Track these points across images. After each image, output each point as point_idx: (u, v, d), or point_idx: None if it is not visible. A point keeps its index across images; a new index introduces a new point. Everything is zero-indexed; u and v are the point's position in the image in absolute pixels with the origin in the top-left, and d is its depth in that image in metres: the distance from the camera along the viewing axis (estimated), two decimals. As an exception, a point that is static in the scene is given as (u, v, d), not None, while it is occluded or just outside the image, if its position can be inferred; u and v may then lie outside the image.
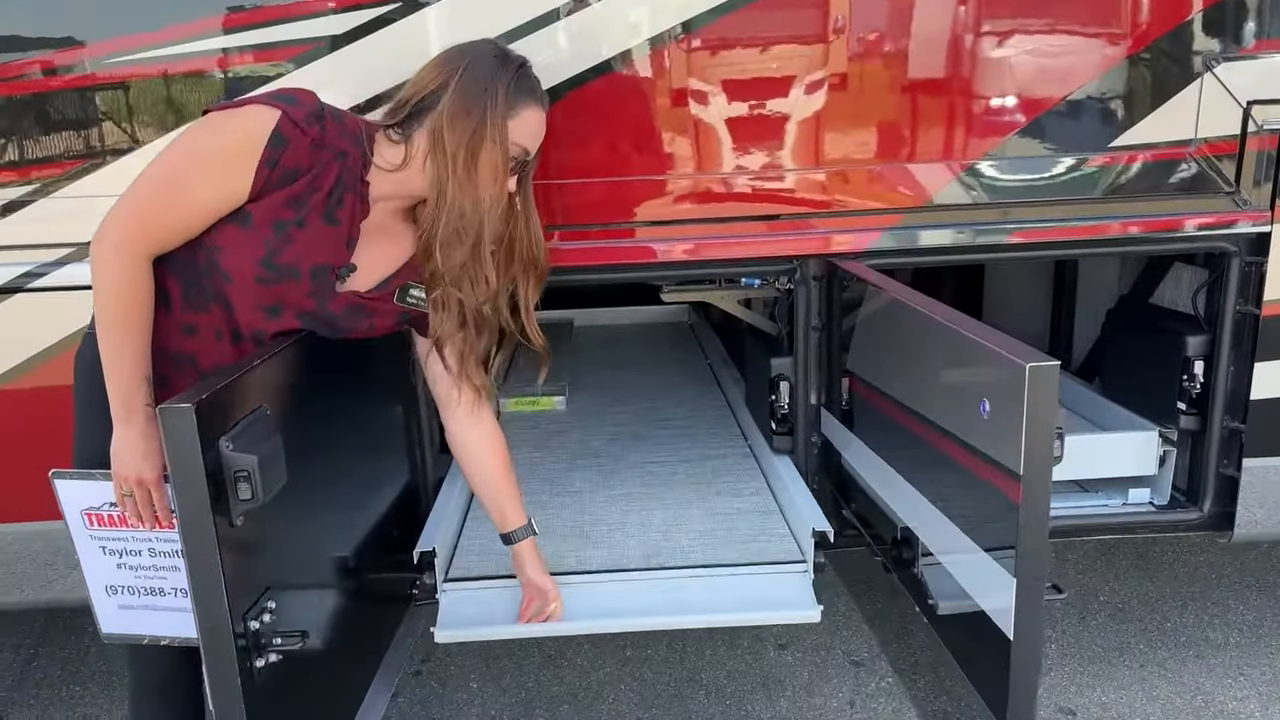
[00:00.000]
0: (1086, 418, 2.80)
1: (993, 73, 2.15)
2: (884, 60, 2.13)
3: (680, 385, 3.45)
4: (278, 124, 1.45)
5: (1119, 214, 2.22)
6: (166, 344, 1.56)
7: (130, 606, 1.62)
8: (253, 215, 1.49)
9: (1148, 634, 2.85)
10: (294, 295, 1.57)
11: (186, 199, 1.46)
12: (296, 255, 1.53)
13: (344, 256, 1.61)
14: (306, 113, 1.49)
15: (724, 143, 2.17)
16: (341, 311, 1.64)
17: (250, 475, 1.28)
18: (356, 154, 1.57)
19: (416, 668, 2.82)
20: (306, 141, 1.48)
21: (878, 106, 2.16)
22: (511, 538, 1.91)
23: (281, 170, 1.48)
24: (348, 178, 1.56)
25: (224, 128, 1.48)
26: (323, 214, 1.54)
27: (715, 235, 2.21)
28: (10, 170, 2.08)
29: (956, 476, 1.55)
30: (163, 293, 1.54)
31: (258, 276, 1.53)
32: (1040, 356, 1.28)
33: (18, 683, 2.83)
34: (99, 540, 1.58)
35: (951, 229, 2.20)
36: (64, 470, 1.56)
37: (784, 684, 2.70)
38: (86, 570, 1.60)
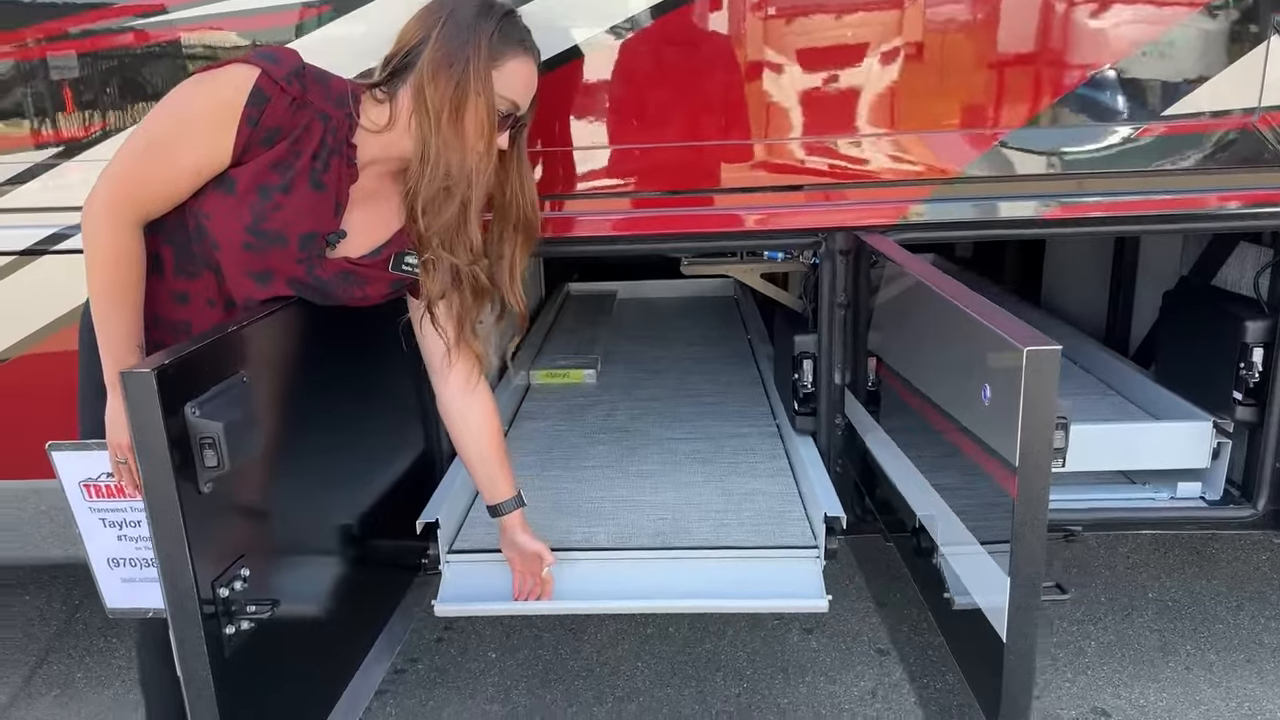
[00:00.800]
0: (1139, 405, 2.65)
1: (1035, 34, 2.01)
2: (915, 21, 2.01)
3: (716, 361, 3.38)
4: (257, 81, 1.43)
5: (1170, 188, 2.07)
6: (160, 312, 1.56)
7: (132, 579, 1.63)
8: (237, 181, 1.47)
9: (1196, 634, 2.70)
10: (282, 262, 1.55)
11: (170, 161, 1.45)
12: (283, 222, 1.51)
13: (333, 223, 1.58)
14: (286, 70, 1.46)
15: (747, 110, 2.08)
16: (332, 278, 1.61)
17: (215, 442, 1.26)
18: (341, 116, 1.53)
19: (438, 635, 2.84)
20: (286, 100, 1.45)
21: (908, 70, 2.03)
22: (500, 509, 1.89)
23: (263, 130, 1.45)
24: (332, 140, 1.52)
25: (204, 88, 1.45)
26: (309, 179, 1.51)
27: (736, 206, 2.13)
28: (36, 133, 2.11)
29: (960, 466, 1.46)
30: (156, 259, 1.53)
31: (244, 243, 1.51)
32: (1042, 340, 1.18)
33: (61, 631, 2.93)
34: (98, 512, 1.59)
35: (987, 202, 2.08)
36: (61, 442, 1.56)
37: (805, 669, 2.63)
38: (88, 544, 1.61)
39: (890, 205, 2.10)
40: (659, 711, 2.48)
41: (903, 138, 2.06)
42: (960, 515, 1.48)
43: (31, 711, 2.57)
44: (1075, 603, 2.88)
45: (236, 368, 1.39)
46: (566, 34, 2.01)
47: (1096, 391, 2.77)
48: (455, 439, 1.91)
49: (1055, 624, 2.77)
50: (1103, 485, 2.41)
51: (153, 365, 1.19)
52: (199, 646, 1.29)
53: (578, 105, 2.06)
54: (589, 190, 2.11)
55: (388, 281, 1.70)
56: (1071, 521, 2.26)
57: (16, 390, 2.23)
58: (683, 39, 2.03)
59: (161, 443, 1.21)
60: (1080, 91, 2.04)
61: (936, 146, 2.06)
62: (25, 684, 2.68)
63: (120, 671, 2.72)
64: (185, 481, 1.25)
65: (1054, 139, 2.05)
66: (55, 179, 2.13)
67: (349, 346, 1.84)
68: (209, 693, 1.30)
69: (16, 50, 2.05)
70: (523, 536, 1.88)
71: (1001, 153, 2.05)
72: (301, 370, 1.63)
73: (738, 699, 2.52)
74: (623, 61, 2.05)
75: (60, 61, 2.07)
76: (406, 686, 2.60)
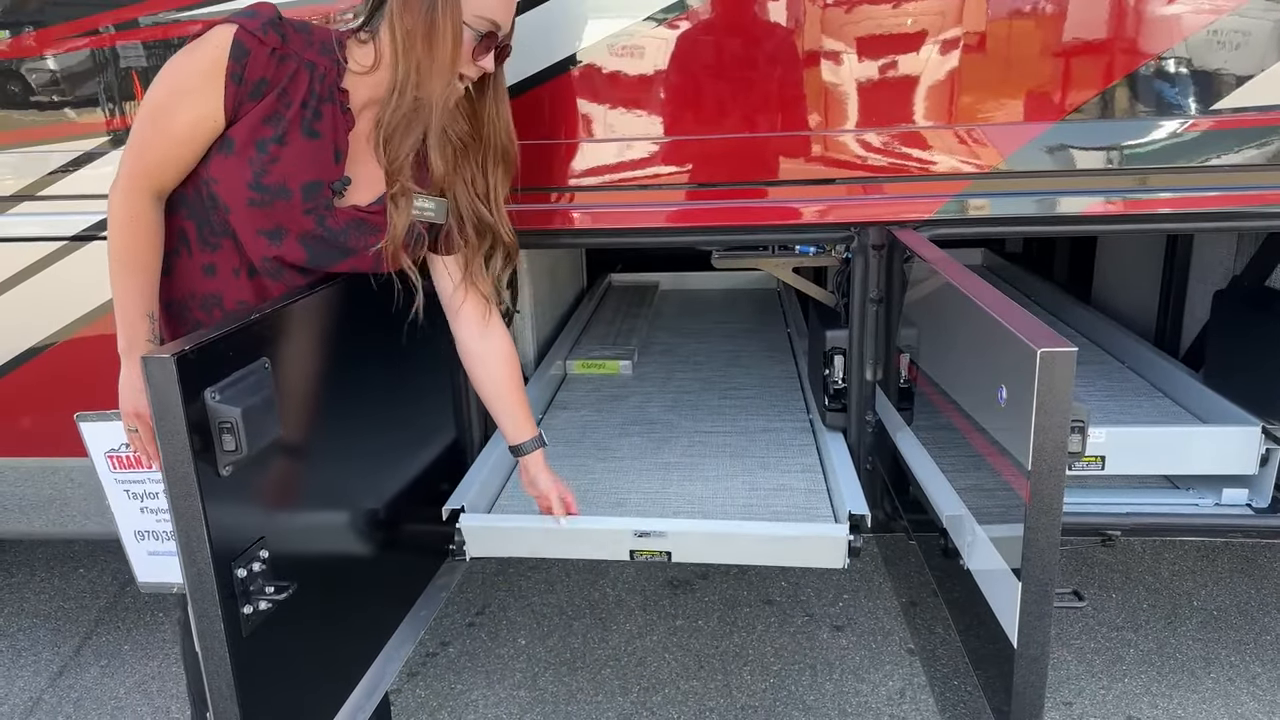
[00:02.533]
0: (1187, 407, 2.56)
1: (1076, 24, 1.95)
2: (952, 11, 1.96)
3: (754, 354, 3.35)
4: (235, 36, 1.46)
5: (1223, 185, 2.00)
6: (193, 287, 1.61)
7: (157, 553, 1.66)
8: (234, 140, 1.50)
9: (1241, 646, 2.62)
10: (291, 216, 1.57)
11: (168, 128, 1.49)
12: (283, 174, 1.53)
13: (335, 170, 1.59)
14: (262, 21, 1.49)
15: (778, 102, 2.05)
16: (344, 227, 1.62)
17: (234, 427, 1.29)
18: (327, 62, 1.55)
19: (470, 620, 2.88)
20: (266, 50, 1.48)
21: (941, 61, 1.99)
22: (522, 448, 1.91)
23: (248, 84, 1.48)
24: (320, 88, 1.54)
25: (190, 53, 1.49)
26: (301, 128, 1.53)
27: (768, 199, 2.11)
28: (85, 123, 2.18)
29: (980, 467, 1.43)
30: (181, 234, 1.58)
31: (249, 200, 1.53)
32: (1058, 341, 1.15)
33: (110, 605, 3.04)
34: (123, 484, 1.62)
35: (1025, 197, 2.03)
36: (87, 413, 1.60)
37: (834, 667, 2.61)
38: (117, 516, 1.64)
39: (925, 200, 2.06)
40: (684, 704, 2.48)
41: (938, 131, 2.02)
42: (979, 517, 1.45)
43: (80, 680, 2.67)
44: (1117, 608, 2.81)
45: (259, 353, 1.42)
46: (597, 26, 2.01)
47: (1144, 393, 2.69)
48: (473, 379, 1.93)
49: (1094, 630, 2.71)
50: (1145, 489, 2.34)
51: (173, 351, 1.22)
52: (216, 626, 1.32)
53: (609, 97, 2.06)
54: (619, 182, 2.11)
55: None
56: (1110, 526, 2.20)
57: (75, 368, 2.31)
58: (715, 31, 2.02)
59: (181, 426, 1.24)
60: (1126, 84, 1.98)
61: (972, 141, 2.02)
62: (75, 654, 2.79)
63: (165, 645, 2.81)
64: (204, 465, 1.28)
65: (1096, 133, 1.99)
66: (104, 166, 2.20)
67: (377, 332, 1.87)
68: (226, 670, 1.34)
69: (82, 40, 2.12)
70: (543, 476, 1.92)
71: (1040, 147, 2.00)
72: (327, 356, 1.65)
73: (764, 694, 2.51)
74: (654, 54, 2.04)
75: (122, 50, 2.13)
76: (437, 669, 2.65)
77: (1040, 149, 2.00)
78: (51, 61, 2.15)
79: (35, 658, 2.78)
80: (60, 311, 2.29)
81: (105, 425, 1.59)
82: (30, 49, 2.14)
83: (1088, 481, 2.30)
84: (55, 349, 2.31)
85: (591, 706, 2.48)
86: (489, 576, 3.10)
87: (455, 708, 2.49)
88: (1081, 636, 2.68)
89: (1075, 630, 2.71)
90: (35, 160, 2.21)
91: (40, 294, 2.28)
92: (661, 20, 2.01)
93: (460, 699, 2.53)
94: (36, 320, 2.30)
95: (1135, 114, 2.00)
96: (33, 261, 2.26)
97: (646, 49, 2.04)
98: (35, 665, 2.74)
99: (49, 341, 2.31)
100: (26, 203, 2.24)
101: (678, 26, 2.01)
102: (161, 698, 2.58)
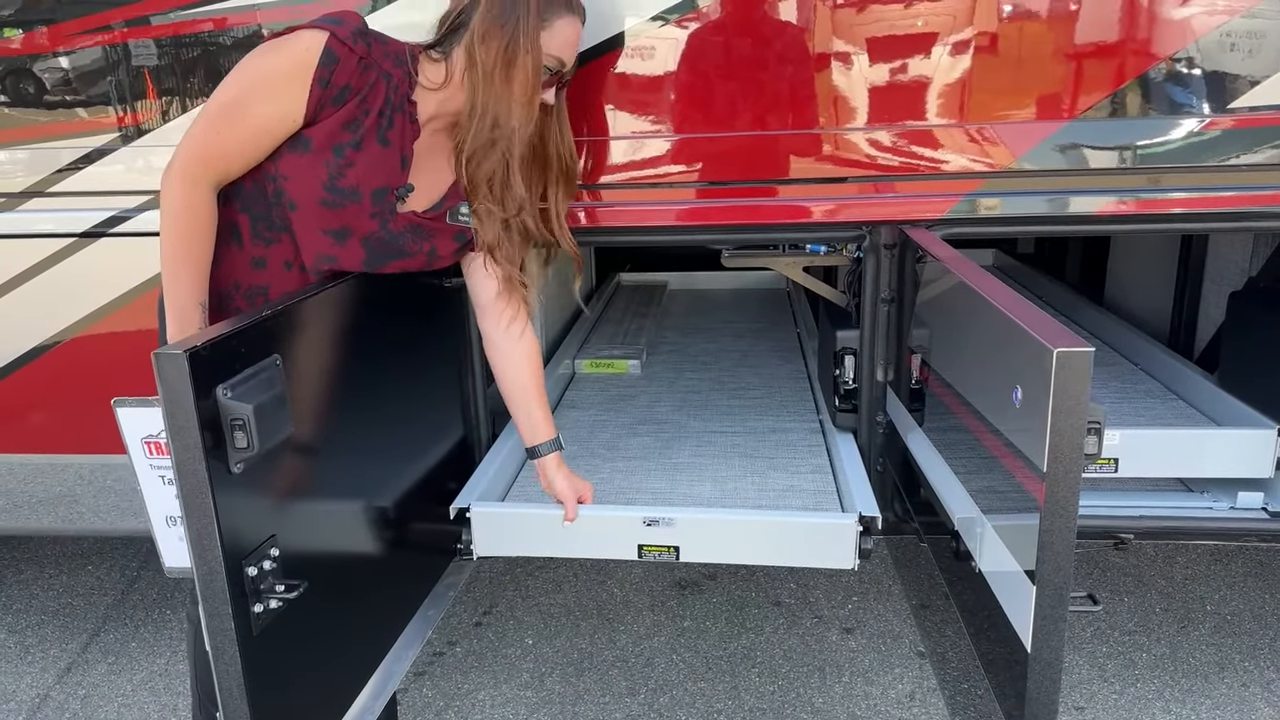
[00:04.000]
0: (1201, 410, 2.54)
1: (1088, 23, 1.93)
2: (959, 8, 1.95)
3: (764, 354, 3.34)
4: (327, 43, 1.50)
5: (1238, 184, 1.98)
6: (240, 279, 1.64)
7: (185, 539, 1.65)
8: (312, 140, 1.54)
9: (1256, 651, 2.59)
10: (357, 218, 1.62)
11: (244, 122, 1.51)
12: (356, 178, 1.58)
13: (401, 177, 1.65)
14: (352, 30, 1.53)
15: (789, 100, 2.04)
16: (403, 231, 1.68)
17: (246, 424, 1.29)
18: (401, 74, 1.60)
19: (477, 619, 2.87)
20: (354, 59, 1.52)
21: (952, 60, 1.98)
22: (537, 450, 1.93)
23: (334, 89, 1.52)
24: (395, 98, 1.60)
25: (276, 52, 1.52)
26: (376, 135, 1.59)
27: (779, 198, 2.10)
28: (98, 119, 2.18)
29: (995, 469, 1.42)
30: (233, 227, 1.61)
31: (322, 200, 1.57)
32: (1074, 341, 1.14)
33: (118, 602, 3.04)
34: (158, 470, 1.61)
35: (1035, 197, 2.02)
36: (125, 399, 1.60)
37: (843, 670, 2.60)
38: (148, 501, 1.64)
39: (937, 199, 2.05)
40: (692, 705, 2.47)
41: (950, 130, 2.01)
42: (992, 519, 1.44)
43: (87, 677, 2.67)
44: (1129, 612, 2.79)
45: (272, 350, 1.42)
46: (609, 23, 2.00)
47: (1157, 395, 2.67)
48: (498, 377, 1.97)
49: (1106, 634, 2.69)
50: (1159, 492, 2.32)
51: (185, 347, 1.22)
52: (226, 623, 1.31)
53: (617, 96, 2.05)
54: (628, 181, 2.10)
55: (451, 234, 1.77)
56: (1123, 529, 2.18)
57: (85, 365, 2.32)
58: (724, 30, 2.01)
59: (193, 423, 1.23)
60: (1139, 83, 1.97)
61: (985, 140, 2.01)
62: (83, 651, 2.79)
63: (173, 642, 2.81)
64: (216, 462, 1.27)
65: (1109, 132, 1.98)
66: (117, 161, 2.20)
67: (387, 330, 1.87)
68: (236, 668, 1.33)
69: (86, 38, 2.12)
70: (559, 479, 1.92)
71: (1053, 146, 1.98)
72: (339, 354, 1.65)
73: (772, 696, 2.50)
74: (663, 53, 2.03)
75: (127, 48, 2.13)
76: (444, 669, 2.64)
77: (1053, 148, 1.99)
78: (57, 59, 2.15)
79: (43, 654, 2.78)
80: (71, 308, 2.30)
81: (143, 410, 1.59)
82: (38, 46, 2.14)
83: (1101, 484, 2.28)
84: (65, 345, 2.32)
85: (598, 708, 2.47)
86: (496, 576, 3.10)
87: (462, 708, 2.49)
88: (1094, 640, 2.66)
89: (1087, 634, 2.69)
90: (44, 157, 2.21)
91: (51, 290, 2.28)
92: (669, 19, 2.00)
93: (467, 699, 2.52)
94: (47, 316, 2.30)
95: (1148, 113, 1.98)
96: (43, 258, 2.27)
97: (656, 48, 2.03)
98: (43, 661, 2.74)
99: (59, 338, 2.31)
100: (36, 199, 2.24)
101: (687, 25, 2.00)
102: (169, 695, 2.57)
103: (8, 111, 2.19)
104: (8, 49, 2.14)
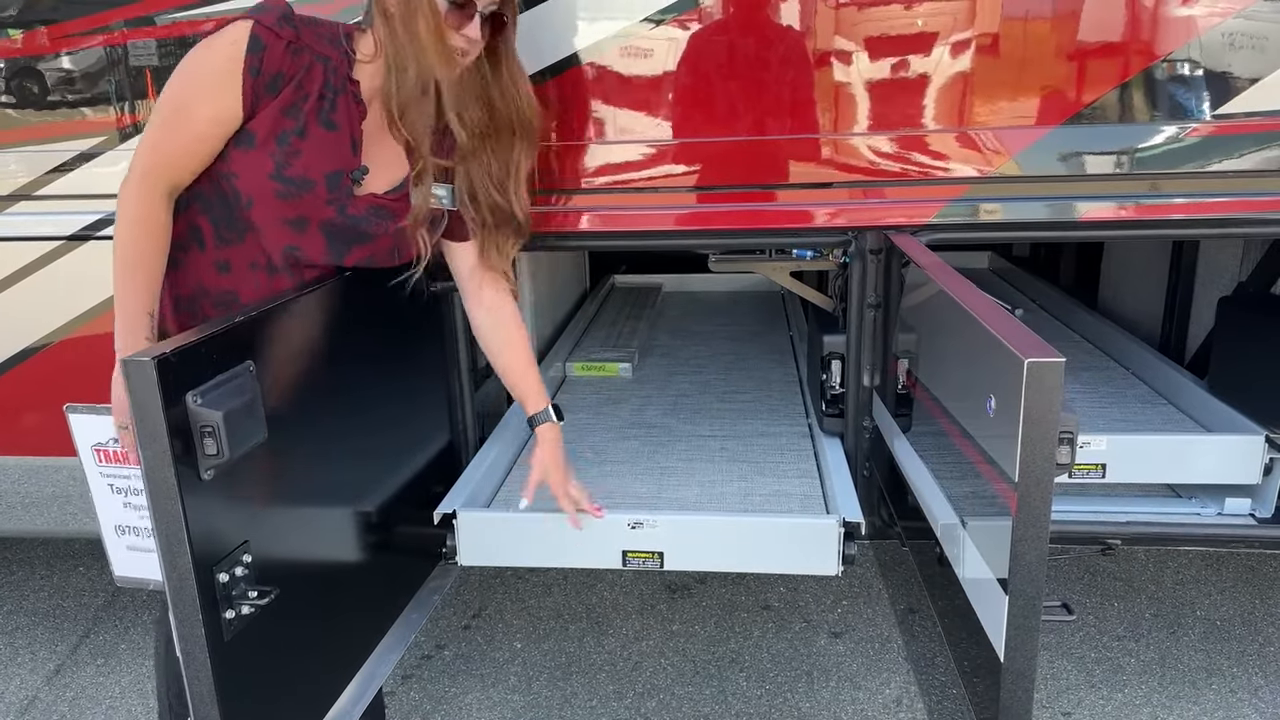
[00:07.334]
0: (1191, 415, 2.53)
1: (1074, 28, 1.93)
2: (947, 14, 1.94)
3: (756, 357, 3.33)
4: (252, 30, 1.48)
5: (1224, 191, 1.97)
6: (207, 284, 1.63)
7: (136, 548, 1.65)
8: (255, 134, 1.53)
9: (1244, 657, 2.58)
10: (313, 206, 1.60)
11: (187, 125, 1.51)
12: (305, 165, 1.56)
13: (353, 160, 1.63)
14: (277, 16, 1.52)
15: (775, 106, 2.04)
16: (364, 215, 1.66)
17: (215, 431, 1.28)
18: (338, 56, 1.58)
19: (465, 622, 2.87)
20: (282, 44, 1.51)
21: (939, 66, 1.97)
22: (534, 420, 1.92)
23: (266, 77, 1.50)
24: (334, 80, 1.58)
25: (207, 49, 1.51)
26: (319, 119, 1.56)
27: (765, 203, 2.09)
28: (83, 121, 2.18)
29: (972, 477, 1.41)
30: (196, 232, 1.60)
31: (276, 192, 1.56)
32: (1046, 351, 1.13)
33: (108, 604, 3.05)
34: (107, 478, 1.62)
35: (1021, 203, 2.01)
36: (77, 405, 1.60)
37: (830, 674, 2.59)
38: (98, 509, 1.64)
39: (922, 204, 2.04)
40: (679, 709, 2.47)
41: (935, 136, 2.00)
42: (970, 527, 1.43)
43: (76, 679, 2.67)
44: (1118, 617, 2.79)
45: (244, 357, 1.41)
46: (596, 27, 2.00)
47: (1147, 400, 2.66)
48: (486, 353, 1.97)
49: (1095, 639, 2.68)
50: (1146, 498, 2.31)
51: (154, 354, 1.22)
52: (197, 630, 1.31)
53: (606, 99, 2.05)
54: (617, 185, 2.10)
55: None
56: (1109, 535, 2.18)
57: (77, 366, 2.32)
58: (712, 36, 2.00)
59: (161, 430, 1.23)
60: (1127, 88, 1.96)
61: (970, 145, 2.00)
62: (72, 652, 2.80)
63: (161, 644, 2.81)
64: (186, 468, 1.27)
65: (1096, 138, 1.97)
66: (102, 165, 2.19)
67: (371, 335, 1.86)
68: (207, 675, 1.32)
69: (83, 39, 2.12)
70: (540, 451, 1.90)
71: (1039, 152, 1.98)
72: (316, 358, 1.64)
73: (759, 700, 2.49)
74: (650, 58, 2.02)
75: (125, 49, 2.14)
76: (432, 672, 2.64)
77: (1039, 154, 1.98)
78: (52, 60, 2.15)
79: (32, 655, 2.78)
80: (61, 309, 2.29)
81: (94, 418, 1.59)
82: (34, 48, 2.14)
83: (1089, 489, 2.27)
84: (56, 346, 2.32)
85: (586, 712, 2.47)
86: (486, 579, 3.10)
87: (449, 711, 2.48)
88: (1082, 646, 2.65)
89: (1076, 639, 2.68)
90: (34, 159, 2.21)
91: (42, 292, 2.28)
92: (658, 22, 1.99)
93: (454, 703, 2.52)
94: (38, 318, 2.30)
95: (1137, 118, 1.97)
96: (34, 259, 2.27)
97: (642, 53, 2.02)
98: (32, 663, 2.74)
99: (50, 339, 2.31)
100: (25, 202, 2.24)
101: (672, 30, 2.00)
102: (156, 698, 2.57)
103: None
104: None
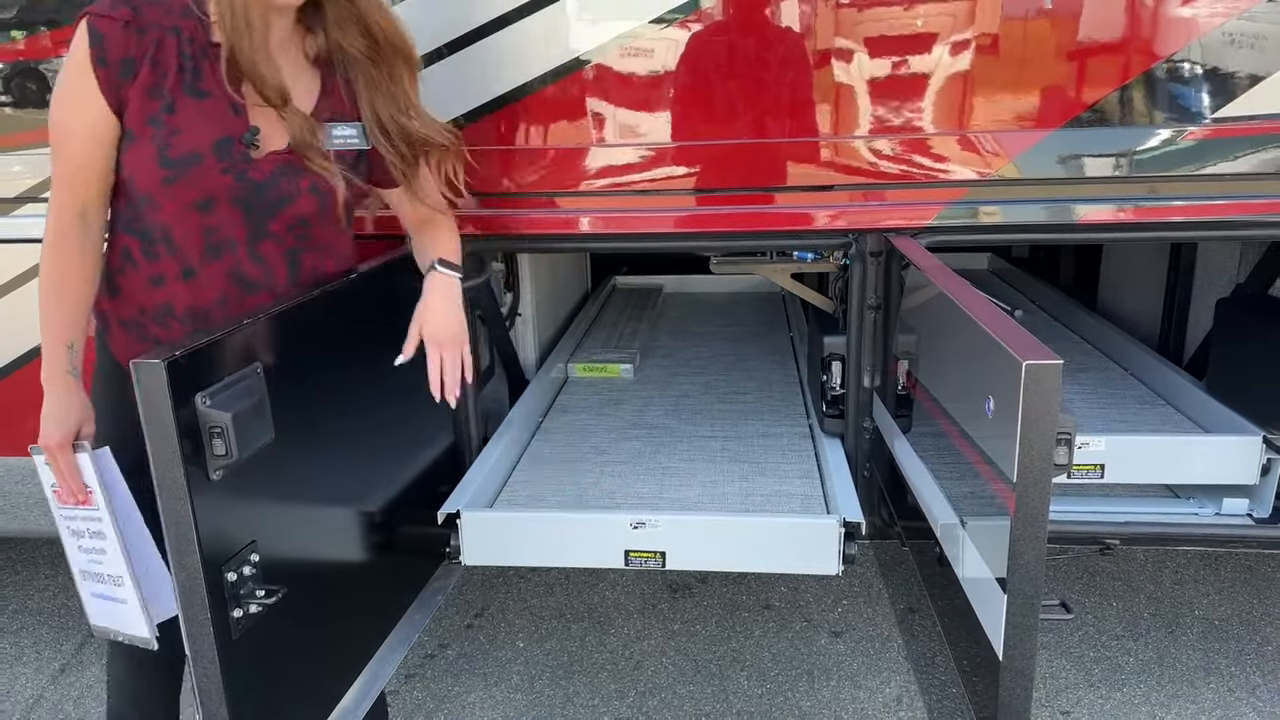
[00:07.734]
0: (1189, 416, 2.55)
1: (1074, 32, 1.94)
2: (946, 17, 1.96)
3: (757, 358, 3.35)
4: (88, 24, 1.46)
5: (1222, 194, 1.99)
6: (144, 301, 1.60)
7: (99, 595, 1.53)
8: (131, 128, 1.50)
9: (1242, 657, 2.60)
10: (210, 180, 1.53)
11: (68, 140, 1.50)
12: (187, 141, 1.51)
13: (239, 124, 1.56)
14: (109, 1, 1.48)
15: (776, 108, 2.05)
16: (271, 175, 1.59)
17: (224, 432, 1.30)
18: (192, 24, 1.53)
19: (469, 621, 2.89)
20: (119, 26, 1.47)
21: (938, 68, 1.99)
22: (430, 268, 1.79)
23: (115, 65, 1.47)
24: (191, 49, 1.53)
25: (66, 60, 1.49)
26: (185, 90, 1.52)
27: (767, 205, 2.11)
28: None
29: (971, 477, 1.43)
30: (125, 252, 1.58)
31: (164, 178, 1.51)
32: (1044, 353, 1.15)
33: (113, 603, 3.06)
34: (66, 520, 1.53)
35: (1020, 205, 2.03)
36: (39, 445, 1.53)
37: (831, 673, 2.61)
38: (67, 553, 1.54)
39: (922, 206, 2.06)
40: (680, 708, 2.48)
41: (935, 138, 2.02)
42: (969, 527, 1.45)
43: (81, 678, 2.69)
44: (1117, 616, 2.80)
45: (253, 359, 1.43)
46: (596, 31, 2.02)
47: (1146, 401, 2.68)
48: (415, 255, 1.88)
49: (1094, 638, 2.70)
50: (1144, 498, 2.33)
51: (164, 356, 1.24)
52: (206, 629, 1.33)
53: (606, 102, 2.06)
54: (618, 187, 2.11)
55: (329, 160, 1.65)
56: (1108, 535, 2.20)
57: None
58: (712, 39, 2.02)
59: (170, 431, 1.25)
60: (1126, 91, 1.97)
61: (970, 148, 2.02)
62: (77, 651, 2.81)
63: (166, 643, 2.82)
64: (195, 469, 1.29)
65: (1094, 140, 1.99)
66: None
67: (375, 336, 1.87)
68: (215, 672, 1.34)
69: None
70: (426, 304, 1.76)
71: (1038, 154, 1.99)
72: (322, 362, 1.66)
73: (760, 699, 2.51)
74: (651, 61, 2.04)
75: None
76: (435, 671, 2.66)
77: (1038, 156, 2.00)
78: (56, 62, 2.16)
79: (37, 655, 2.80)
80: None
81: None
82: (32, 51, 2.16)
83: (1088, 489, 2.29)
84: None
85: (588, 710, 2.48)
86: (489, 579, 3.11)
87: (452, 710, 2.50)
88: (1081, 645, 2.67)
89: (1074, 639, 2.69)
90: (38, 162, 2.22)
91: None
92: (661, 24, 2.01)
93: (457, 701, 2.53)
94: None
95: (1135, 121, 1.99)
96: (36, 263, 2.28)
97: (642, 56, 2.04)
98: (37, 663, 2.76)
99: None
100: (30, 204, 2.26)
101: (673, 33, 2.01)
102: None
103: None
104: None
